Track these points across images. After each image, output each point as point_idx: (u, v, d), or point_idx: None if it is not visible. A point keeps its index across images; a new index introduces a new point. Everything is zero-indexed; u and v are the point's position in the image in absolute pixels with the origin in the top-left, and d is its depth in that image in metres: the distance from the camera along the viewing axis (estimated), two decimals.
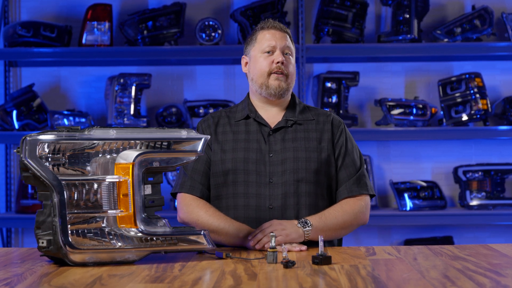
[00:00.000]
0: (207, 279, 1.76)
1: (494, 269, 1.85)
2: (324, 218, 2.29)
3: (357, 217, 2.37)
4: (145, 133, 2.01)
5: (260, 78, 2.40)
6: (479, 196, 4.36)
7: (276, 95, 2.40)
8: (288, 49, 2.42)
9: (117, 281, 1.74)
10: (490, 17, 4.36)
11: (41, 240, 1.92)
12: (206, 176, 2.42)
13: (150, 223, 2.00)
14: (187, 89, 4.61)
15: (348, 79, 4.41)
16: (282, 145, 2.39)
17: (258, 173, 2.35)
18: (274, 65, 2.38)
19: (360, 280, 1.72)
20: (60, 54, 4.42)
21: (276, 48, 2.40)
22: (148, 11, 4.42)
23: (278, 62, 2.37)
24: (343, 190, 2.40)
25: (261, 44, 2.42)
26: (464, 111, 4.36)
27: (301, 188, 2.35)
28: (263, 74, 2.39)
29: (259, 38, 2.43)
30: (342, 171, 2.41)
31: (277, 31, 2.43)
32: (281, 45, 2.40)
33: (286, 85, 2.40)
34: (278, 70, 2.38)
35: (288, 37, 2.44)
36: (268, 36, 2.42)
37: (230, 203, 2.37)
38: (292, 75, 2.42)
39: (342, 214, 2.33)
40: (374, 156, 4.54)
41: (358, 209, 2.37)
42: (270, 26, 2.44)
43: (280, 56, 2.38)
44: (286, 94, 2.42)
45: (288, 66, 2.40)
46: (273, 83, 2.38)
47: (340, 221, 2.32)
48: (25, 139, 1.90)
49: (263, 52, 2.40)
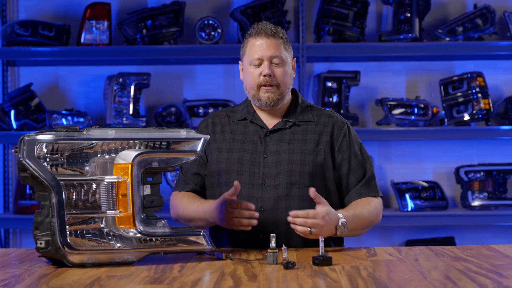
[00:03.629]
0: (207, 280, 1.76)
1: (496, 270, 1.85)
2: (355, 219, 2.26)
3: (377, 217, 2.36)
4: (144, 133, 2.01)
5: (251, 90, 2.36)
6: (481, 196, 4.35)
7: (268, 106, 2.36)
8: (277, 58, 2.33)
9: (116, 282, 1.73)
10: (492, 16, 4.35)
11: (39, 241, 1.92)
12: (199, 176, 2.41)
13: (149, 224, 1.99)
14: (186, 89, 4.60)
15: (349, 78, 4.40)
16: (278, 147, 2.36)
17: (252, 174, 2.33)
18: (261, 78, 2.33)
19: (361, 281, 1.71)
20: (59, 53, 4.41)
21: (263, 59, 2.32)
22: (147, 10, 4.42)
23: (264, 75, 2.32)
24: (352, 195, 2.37)
25: (249, 55, 2.35)
26: (466, 110, 4.35)
27: (294, 191, 2.32)
28: (253, 87, 2.35)
29: (249, 47, 2.36)
30: (351, 176, 2.38)
31: (265, 38, 2.33)
32: (267, 55, 2.32)
33: (278, 95, 2.34)
34: (266, 83, 2.33)
35: (279, 41, 2.34)
36: (256, 45, 2.33)
37: None
38: (285, 83, 2.35)
39: (367, 214, 2.31)
40: (375, 156, 4.53)
41: (379, 207, 2.37)
42: (258, 33, 2.35)
43: (266, 68, 2.31)
44: (279, 103, 2.37)
45: (277, 76, 2.33)
46: (263, 96, 2.34)
47: (365, 222, 2.31)
48: (23, 139, 1.90)
49: (252, 64, 2.35)
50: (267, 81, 2.32)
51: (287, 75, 2.36)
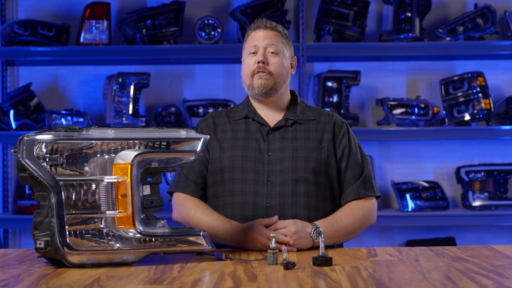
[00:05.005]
0: (207, 281, 1.75)
1: (497, 271, 1.85)
2: (335, 225, 2.28)
3: (366, 219, 2.36)
4: (144, 133, 2.01)
5: (247, 79, 2.41)
6: (482, 196, 4.34)
7: (261, 94, 2.39)
8: (273, 47, 2.39)
9: (115, 283, 1.73)
10: (492, 16, 4.34)
11: (39, 241, 1.91)
12: (202, 176, 2.42)
13: (148, 224, 1.99)
14: (186, 89, 4.60)
15: (349, 78, 4.39)
16: (281, 144, 2.38)
17: (257, 171, 2.34)
18: (255, 65, 2.38)
19: (361, 282, 1.71)
20: (58, 53, 4.41)
21: (259, 48, 2.39)
22: (147, 10, 4.41)
23: (258, 62, 2.37)
24: (349, 193, 2.38)
25: (247, 45, 2.44)
26: (467, 110, 4.34)
27: (299, 187, 2.33)
28: (248, 75, 2.40)
29: (248, 40, 2.45)
30: (347, 173, 2.39)
31: (263, 30, 2.42)
32: (263, 44, 2.39)
33: (271, 83, 2.37)
34: (259, 70, 2.37)
35: (276, 34, 2.41)
36: (254, 36, 2.42)
37: (227, 201, 2.36)
38: (280, 74, 2.39)
39: (352, 218, 2.32)
40: (376, 156, 4.53)
41: (367, 211, 2.36)
42: (256, 26, 2.44)
43: (261, 55, 2.37)
44: (273, 93, 2.40)
45: (271, 64, 2.38)
46: (256, 82, 2.38)
47: (350, 225, 2.31)
48: (22, 139, 1.90)
49: (249, 53, 2.41)
50: (260, 67, 2.36)
51: (282, 67, 2.40)
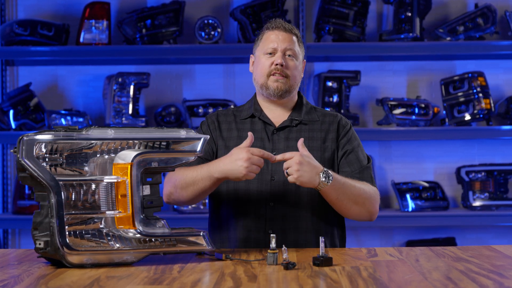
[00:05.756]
0: (207, 281, 1.75)
1: (497, 271, 1.85)
2: (344, 180, 2.26)
3: (371, 198, 2.33)
4: (144, 133, 2.00)
5: (261, 78, 2.42)
6: (482, 196, 4.34)
7: (276, 96, 2.41)
8: (291, 51, 2.41)
9: (115, 283, 1.73)
10: (493, 16, 4.34)
11: (38, 241, 1.91)
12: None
13: (148, 224, 1.99)
14: (186, 89, 4.59)
15: (349, 78, 4.39)
16: (286, 144, 2.40)
17: (261, 170, 2.34)
18: (273, 66, 2.39)
19: (362, 282, 1.71)
20: (58, 53, 4.41)
21: (277, 49, 2.40)
22: (147, 9, 4.41)
23: (277, 64, 2.38)
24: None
25: (264, 44, 2.44)
26: (467, 110, 4.34)
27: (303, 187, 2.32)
28: (263, 75, 2.41)
29: (264, 39, 2.45)
30: (346, 167, 2.40)
31: (282, 31, 2.43)
32: (282, 47, 2.40)
33: (287, 86, 2.40)
34: (277, 72, 2.38)
35: (294, 37, 2.43)
36: (272, 37, 2.42)
37: (231, 198, 2.38)
38: (294, 77, 2.42)
39: (360, 185, 2.31)
40: (376, 156, 4.52)
41: (372, 192, 2.35)
42: (275, 27, 2.44)
43: (279, 58, 2.39)
44: (287, 95, 2.42)
45: (289, 68, 2.40)
46: (272, 85, 2.40)
47: (357, 190, 2.29)
48: (22, 139, 1.89)
49: (265, 53, 2.42)
50: (278, 69, 2.38)
51: (297, 70, 2.44)
